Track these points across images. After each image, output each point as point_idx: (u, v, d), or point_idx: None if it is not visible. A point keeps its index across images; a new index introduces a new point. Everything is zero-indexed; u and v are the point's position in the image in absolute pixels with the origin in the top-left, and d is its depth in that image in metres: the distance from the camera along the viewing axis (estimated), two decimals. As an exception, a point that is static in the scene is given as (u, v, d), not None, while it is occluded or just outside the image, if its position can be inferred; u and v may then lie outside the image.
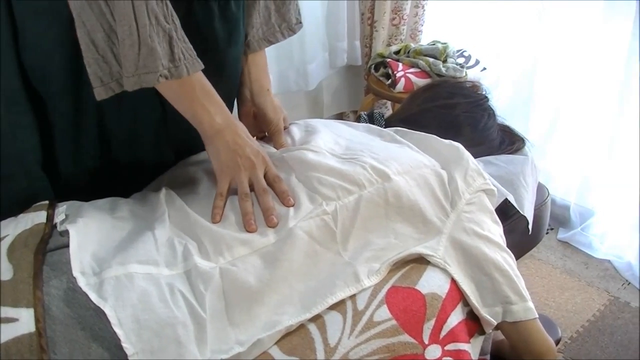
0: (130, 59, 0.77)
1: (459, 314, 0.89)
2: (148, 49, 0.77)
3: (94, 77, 0.79)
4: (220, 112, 0.89)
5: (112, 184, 0.97)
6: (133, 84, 0.79)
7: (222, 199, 0.89)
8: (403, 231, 0.90)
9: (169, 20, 0.78)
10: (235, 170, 0.89)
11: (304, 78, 2.30)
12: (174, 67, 0.80)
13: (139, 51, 0.77)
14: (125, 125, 0.96)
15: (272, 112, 1.08)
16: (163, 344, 0.69)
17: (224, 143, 0.89)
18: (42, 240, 0.77)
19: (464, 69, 2.03)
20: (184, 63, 0.81)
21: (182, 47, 0.80)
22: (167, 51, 0.79)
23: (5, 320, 0.67)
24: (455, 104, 1.19)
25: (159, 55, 0.78)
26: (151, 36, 0.77)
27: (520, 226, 1.10)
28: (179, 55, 0.80)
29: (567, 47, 1.94)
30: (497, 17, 2.11)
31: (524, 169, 1.13)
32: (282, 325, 0.76)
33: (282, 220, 0.86)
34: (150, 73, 0.78)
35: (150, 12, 0.76)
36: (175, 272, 0.77)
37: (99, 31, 0.77)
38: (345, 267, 0.84)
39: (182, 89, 0.85)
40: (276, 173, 0.92)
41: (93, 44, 0.77)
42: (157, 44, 0.77)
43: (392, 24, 2.30)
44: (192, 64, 0.82)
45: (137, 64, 0.78)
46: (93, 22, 0.76)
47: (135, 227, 0.85)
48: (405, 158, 0.97)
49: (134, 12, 0.75)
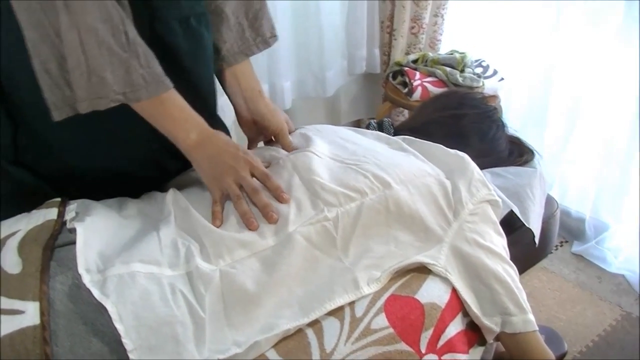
0: (81, 86, 0.81)
1: (457, 324, 0.89)
2: (98, 78, 0.81)
3: (49, 102, 0.83)
4: (195, 128, 0.92)
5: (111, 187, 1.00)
6: (86, 107, 0.82)
7: (217, 205, 0.91)
8: (403, 239, 0.91)
9: (126, 49, 0.81)
10: (219, 178, 0.91)
11: (322, 85, 2.32)
12: (131, 92, 0.83)
13: (88, 79, 0.81)
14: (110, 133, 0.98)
15: (270, 115, 1.10)
16: (161, 341, 0.71)
17: (202, 156, 0.92)
18: (51, 236, 0.79)
19: (481, 78, 2.03)
20: (144, 87, 0.84)
21: (143, 72, 0.83)
22: (122, 77, 0.82)
23: (12, 312, 0.69)
24: (464, 114, 1.19)
25: (109, 83, 0.81)
26: (101, 65, 0.80)
27: (526, 238, 1.10)
28: (137, 81, 0.83)
29: (583, 57, 1.94)
30: (515, 26, 2.11)
31: (531, 181, 1.13)
32: (280, 329, 0.77)
33: (283, 221, 0.87)
34: (101, 98, 0.82)
35: (100, 44, 0.79)
36: (178, 272, 0.79)
37: (52, 61, 0.80)
38: (345, 273, 0.85)
39: (154, 109, 0.88)
40: (264, 171, 0.93)
41: (47, 73, 0.81)
42: (109, 73, 0.80)
43: (411, 33, 2.31)
44: (156, 86, 0.85)
45: (88, 91, 0.81)
46: (46, 53, 0.80)
47: (141, 226, 0.87)
48: (410, 166, 0.98)
49: (81, 45, 0.79)
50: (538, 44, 2.05)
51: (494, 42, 2.20)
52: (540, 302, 1.83)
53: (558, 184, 2.16)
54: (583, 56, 1.93)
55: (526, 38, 2.08)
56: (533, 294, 1.85)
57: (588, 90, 1.95)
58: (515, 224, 1.09)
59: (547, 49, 2.03)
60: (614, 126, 1.91)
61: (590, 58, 1.91)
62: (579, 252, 2.05)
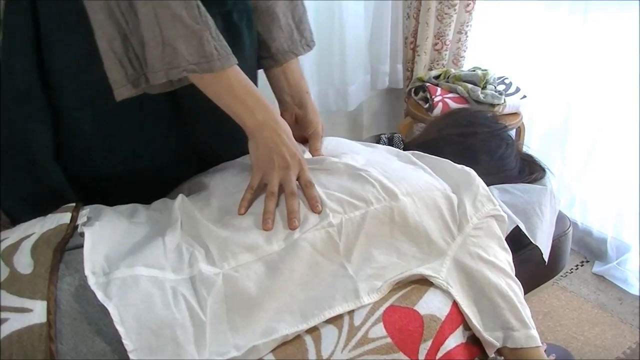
0: (155, 57, 0.86)
1: (458, 337, 0.89)
2: (172, 48, 0.85)
3: (113, 81, 0.89)
4: (261, 109, 0.94)
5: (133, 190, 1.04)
6: (160, 77, 0.88)
7: (251, 193, 0.94)
8: (406, 251, 0.92)
9: (198, 21, 0.86)
10: (269, 166, 0.94)
11: (344, 99, 2.34)
12: (205, 62, 0.87)
13: (163, 50, 0.85)
14: (136, 133, 1.04)
15: (312, 114, 1.14)
16: (161, 343, 0.73)
17: (262, 139, 0.94)
18: (63, 239, 0.83)
19: (503, 95, 2.02)
20: (217, 58, 0.87)
21: (215, 44, 0.87)
22: (196, 49, 0.86)
23: (22, 309, 0.73)
24: (474, 132, 1.20)
25: (182, 53, 0.86)
26: (174, 37, 0.85)
27: (535, 256, 1.10)
28: (211, 51, 0.87)
29: (607, 76, 1.92)
30: (539, 44, 2.10)
31: (540, 199, 1.13)
32: (279, 334, 0.79)
33: (288, 228, 0.89)
34: (175, 68, 0.86)
35: (173, 17, 0.84)
36: (181, 277, 0.81)
37: (117, 39, 0.87)
38: (347, 281, 0.86)
39: (219, 85, 0.92)
40: (309, 178, 0.95)
41: (112, 51, 0.87)
42: (183, 44, 0.85)
43: (435, 49, 2.32)
44: (227, 59, 0.89)
45: (162, 61, 0.86)
46: (112, 31, 0.86)
47: (148, 232, 0.90)
48: (417, 179, 0.99)
49: (156, 17, 0.84)
50: (562, 62, 2.04)
51: (517, 60, 2.20)
52: (558, 322, 1.80)
53: (579, 203, 2.13)
54: (607, 75, 1.92)
55: (550, 56, 2.08)
56: (551, 313, 1.83)
57: (611, 109, 1.94)
58: (524, 241, 1.09)
59: (571, 68, 2.02)
60: (635, 147, 1.88)
61: (615, 77, 1.89)
62: (600, 272, 2.02)
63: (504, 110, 2.02)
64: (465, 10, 2.21)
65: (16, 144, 1.00)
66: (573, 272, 2.04)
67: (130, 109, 0.95)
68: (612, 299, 1.91)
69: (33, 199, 1.04)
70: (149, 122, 1.03)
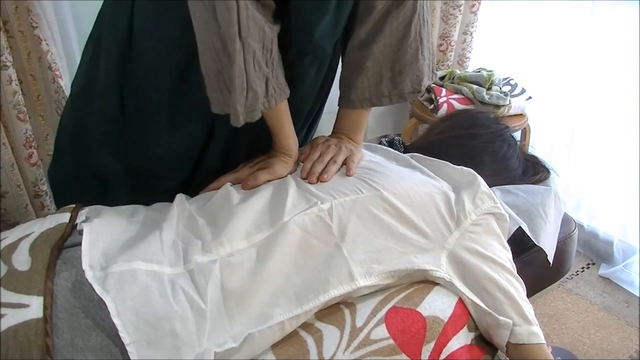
0: (239, 101, 0.89)
1: (462, 338, 0.89)
2: (253, 92, 0.89)
3: (210, 97, 0.92)
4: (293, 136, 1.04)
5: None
6: (242, 120, 0.91)
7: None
8: (402, 237, 0.91)
9: (269, 64, 0.90)
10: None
11: (349, 100, 2.33)
12: (266, 101, 0.92)
13: (246, 96, 0.89)
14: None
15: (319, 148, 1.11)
16: (159, 335, 0.73)
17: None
18: (61, 237, 0.83)
19: (508, 96, 2.01)
20: (273, 97, 0.93)
21: (274, 83, 0.92)
22: (263, 90, 0.91)
23: (19, 305, 0.72)
24: (475, 134, 1.20)
25: (259, 96, 0.90)
26: (255, 81, 0.89)
27: (540, 258, 1.09)
28: (271, 91, 0.92)
29: (613, 78, 1.91)
30: (545, 45, 2.09)
31: (544, 200, 1.12)
32: (274, 321, 0.78)
33: (278, 215, 0.89)
34: (254, 111, 0.91)
35: (255, 63, 0.88)
36: (179, 270, 0.81)
37: (212, 69, 0.89)
38: (342, 264, 0.86)
39: (270, 112, 0.97)
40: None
41: (207, 76, 0.90)
42: (258, 87, 0.90)
43: (440, 50, 2.31)
44: (280, 95, 0.94)
45: (245, 105, 0.89)
46: (209, 62, 0.88)
47: (145, 229, 0.90)
48: (413, 179, 0.99)
49: (245, 66, 0.87)
50: (569, 63, 2.03)
51: (523, 61, 2.19)
52: (563, 325, 1.78)
53: (586, 205, 2.12)
54: (614, 76, 1.91)
55: (556, 57, 2.07)
56: (556, 316, 1.81)
57: (618, 111, 1.92)
58: (528, 243, 1.08)
59: (578, 69, 2.00)
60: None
61: (622, 79, 1.88)
62: (606, 275, 2.00)
63: (510, 111, 2.01)
64: (471, 11, 2.21)
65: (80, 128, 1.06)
66: (579, 275, 2.03)
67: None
68: (618, 302, 1.89)
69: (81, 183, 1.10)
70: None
